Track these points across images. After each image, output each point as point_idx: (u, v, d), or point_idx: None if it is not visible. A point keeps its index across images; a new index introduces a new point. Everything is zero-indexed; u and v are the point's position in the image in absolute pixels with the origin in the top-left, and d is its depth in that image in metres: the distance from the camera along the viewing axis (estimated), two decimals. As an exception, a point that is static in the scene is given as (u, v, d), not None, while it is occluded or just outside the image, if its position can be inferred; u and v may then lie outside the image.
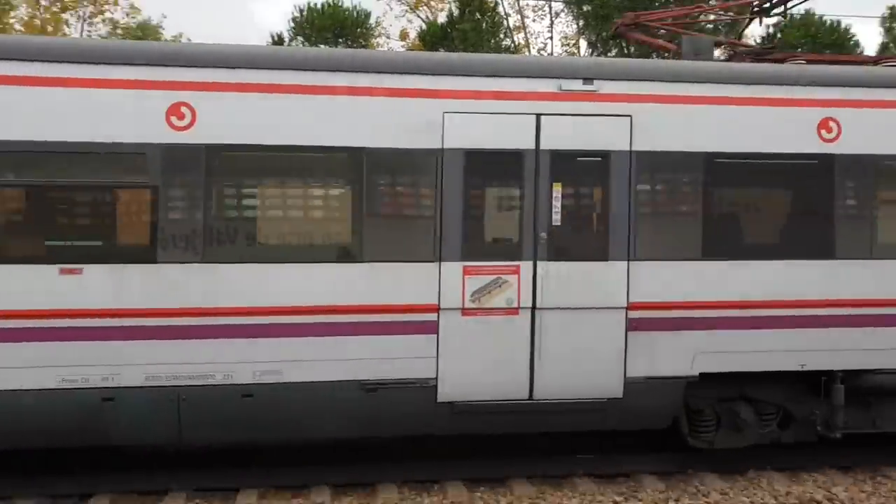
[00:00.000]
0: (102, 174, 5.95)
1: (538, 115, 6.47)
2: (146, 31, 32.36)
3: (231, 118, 6.04)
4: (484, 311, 6.41)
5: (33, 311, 5.74)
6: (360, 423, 6.44)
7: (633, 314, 6.53)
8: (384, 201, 6.50)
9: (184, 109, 5.95)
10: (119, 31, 31.64)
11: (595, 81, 6.57)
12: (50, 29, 29.32)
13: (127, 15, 33.13)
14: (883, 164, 6.84)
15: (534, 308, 6.47)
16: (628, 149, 6.51)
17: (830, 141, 6.75)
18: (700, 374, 6.61)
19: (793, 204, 6.97)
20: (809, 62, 7.75)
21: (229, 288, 6.05)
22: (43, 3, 30.41)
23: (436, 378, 6.40)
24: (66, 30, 30.13)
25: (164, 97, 5.90)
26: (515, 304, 6.43)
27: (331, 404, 6.24)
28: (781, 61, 7.58)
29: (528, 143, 6.47)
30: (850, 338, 6.77)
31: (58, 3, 30.44)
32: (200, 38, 40.01)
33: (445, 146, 6.35)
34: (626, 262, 6.50)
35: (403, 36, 32.96)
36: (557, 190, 6.48)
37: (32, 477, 6.32)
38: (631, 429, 6.96)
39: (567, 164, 6.53)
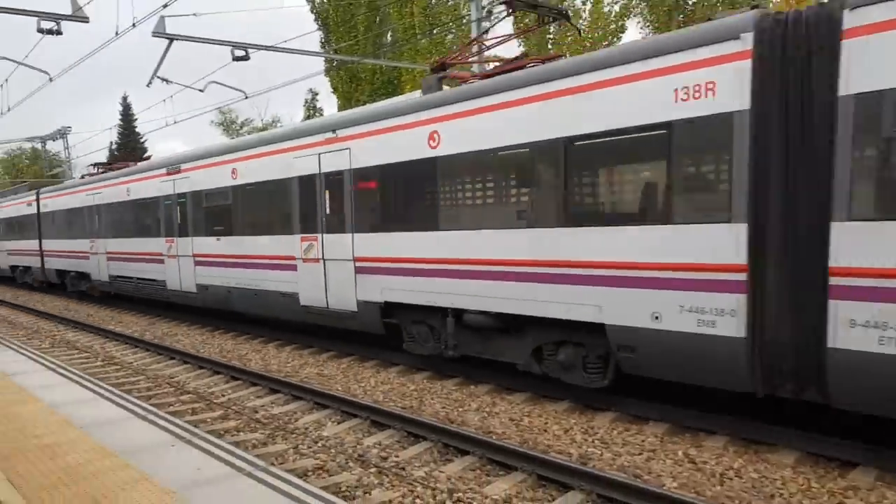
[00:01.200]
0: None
1: (319, 154, 11.62)
2: None
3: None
4: (309, 260, 11.98)
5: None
6: (285, 311, 12.75)
7: (357, 264, 10.98)
8: (275, 205, 12.81)
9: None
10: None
11: (337, 130, 11.23)
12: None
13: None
14: (465, 160, 9.14)
15: (324, 259, 11.62)
16: (349, 168, 11.00)
17: (434, 147, 9.52)
18: (385, 302, 10.60)
19: (418, 195, 9.88)
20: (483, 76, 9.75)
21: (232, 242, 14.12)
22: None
23: (298, 293, 12.30)
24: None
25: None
26: (318, 256, 11.74)
27: (275, 301, 12.95)
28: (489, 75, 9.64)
29: (316, 170, 11.71)
30: (447, 284, 9.52)
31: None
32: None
33: (293, 175, 12.26)
34: (351, 234, 11.05)
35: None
36: (326, 195, 11.48)
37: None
38: (366, 331, 11.32)
39: (330, 180, 11.40)
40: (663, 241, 7.05)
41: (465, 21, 23.71)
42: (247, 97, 20.48)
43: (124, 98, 58.13)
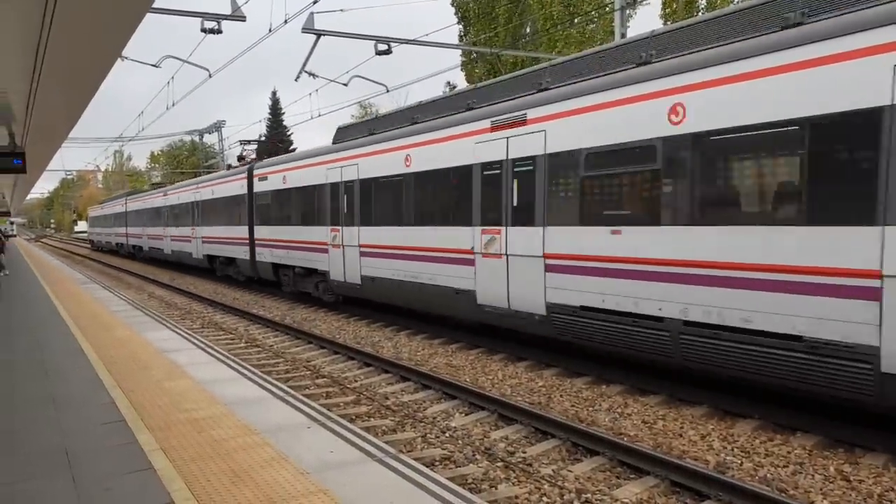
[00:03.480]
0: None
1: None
2: None
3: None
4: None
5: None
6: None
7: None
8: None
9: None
10: None
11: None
12: None
13: None
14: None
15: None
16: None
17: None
18: (206, 255, 27.85)
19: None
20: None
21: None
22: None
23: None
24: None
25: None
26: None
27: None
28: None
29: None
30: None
31: None
32: None
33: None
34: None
35: None
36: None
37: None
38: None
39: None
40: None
41: (607, 10, 23.09)
42: (388, 90, 21.07)
43: (273, 92, 61.52)
